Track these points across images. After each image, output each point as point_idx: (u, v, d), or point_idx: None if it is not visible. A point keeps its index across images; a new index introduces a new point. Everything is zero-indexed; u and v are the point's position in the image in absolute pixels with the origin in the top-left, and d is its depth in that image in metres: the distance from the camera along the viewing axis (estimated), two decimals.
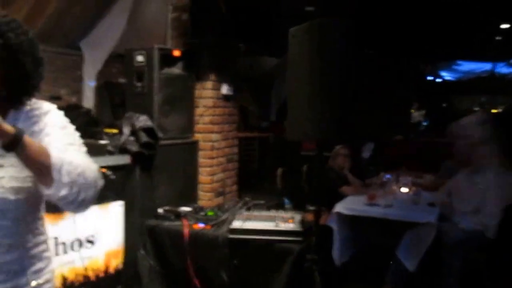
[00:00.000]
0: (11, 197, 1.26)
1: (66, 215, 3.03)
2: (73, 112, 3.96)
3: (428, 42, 6.86)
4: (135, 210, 3.56)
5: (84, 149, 1.38)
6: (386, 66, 6.43)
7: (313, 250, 3.32)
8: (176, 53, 4.04)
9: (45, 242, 1.43)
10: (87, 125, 3.80)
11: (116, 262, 3.44)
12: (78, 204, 1.26)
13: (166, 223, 3.63)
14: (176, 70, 4.08)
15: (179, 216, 3.65)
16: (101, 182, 1.32)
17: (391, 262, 3.70)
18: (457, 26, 6.47)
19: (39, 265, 1.38)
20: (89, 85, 4.36)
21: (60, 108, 3.83)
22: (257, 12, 4.53)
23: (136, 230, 3.58)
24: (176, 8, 4.31)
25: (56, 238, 3.02)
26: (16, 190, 1.26)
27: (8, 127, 1.12)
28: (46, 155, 1.19)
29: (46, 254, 1.43)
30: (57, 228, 2.99)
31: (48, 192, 1.22)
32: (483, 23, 6.55)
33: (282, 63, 3.93)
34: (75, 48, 4.53)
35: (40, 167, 1.19)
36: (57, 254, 3.02)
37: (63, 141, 1.31)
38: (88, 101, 4.31)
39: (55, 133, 1.32)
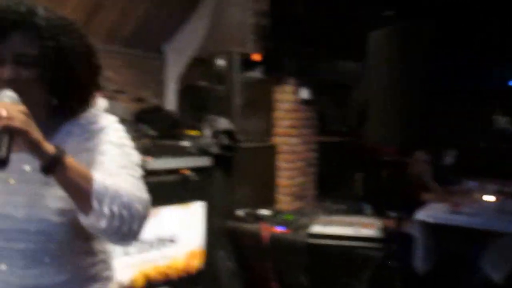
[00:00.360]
0: (55, 219, 1.13)
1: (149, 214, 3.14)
2: (156, 114, 4.11)
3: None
4: (215, 211, 3.61)
5: (139, 172, 1.23)
6: (469, 71, 6.15)
7: (394, 258, 3.23)
8: (256, 57, 4.09)
9: (103, 261, 1.29)
10: (169, 127, 3.93)
11: (197, 262, 3.49)
12: (121, 237, 1.12)
13: (246, 226, 3.65)
14: (256, 74, 4.13)
15: (258, 218, 3.67)
16: (149, 214, 1.16)
17: (471, 272, 3.54)
18: None
19: (95, 286, 1.26)
20: (172, 87, 4.51)
21: (143, 110, 3.95)
22: (335, 16, 4.49)
23: (216, 231, 3.63)
24: (256, 13, 4.36)
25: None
26: (61, 212, 1.13)
27: (48, 147, 1.01)
28: (88, 180, 1.06)
29: (104, 274, 1.29)
30: None
31: (86, 221, 1.09)
32: None
33: (362, 67, 3.86)
34: (158, 52, 4.72)
35: (79, 193, 1.06)
36: (140, 252, 3.12)
37: (117, 163, 1.18)
38: (170, 103, 4.47)
39: (110, 152, 1.19)
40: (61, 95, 1.17)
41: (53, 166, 1.01)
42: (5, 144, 0.95)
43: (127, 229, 1.09)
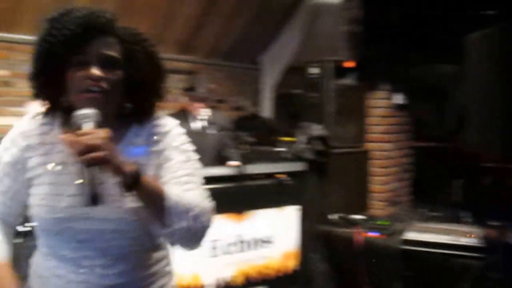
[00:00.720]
0: (130, 217, 1.19)
1: (247, 215, 3.32)
2: (253, 122, 4.33)
3: None
4: (309, 215, 3.69)
5: (201, 177, 1.29)
6: None
7: (496, 269, 3.11)
8: (349, 64, 4.13)
9: (166, 257, 1.36)
10: (266, 134, 4.11)
11: (292, 264, 3.60)
12: (189, 245, 1.23)
13: (339, 230, 3.69)
14: (349, 80, 4.18)
15: (351, 223, 3.70)
16: (212, 221, 1.24)
17: None
18: None
19: (162, 281, 1.33)
20: (268, 96, 4.68)
21: (242, 117, 4.17)
22: (430, 18, 4.39)
23: (309, 234, 3.71)
24: (348, 21, 4.40)
25: (238, 237, 3.29)
26: (135, 211, 1.18)
27: (128, 166, 1.07)
28: (162, 196, 1.12)
29: (167, 268, 1.37)
30: (239, 227, 3.27)
31: (160, 233, 1.19)
32: None
33: (459, 70, 3.75)
34: (255, 63, 4.94)
35: (155, 208, 1.13)
36: (239, 251, 3.29)
37: (183, 170, 1.24)
38: (267, 111, 4.65)
39: (176, 158, 1.25)
40: (133, 97, 1.23)
41: (133, 185, 1.08)
42: (96, 178, 1.01)
43: (195, 238, 1.21)
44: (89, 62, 1.14)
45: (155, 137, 1.26)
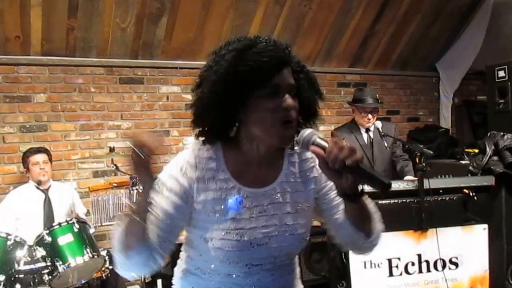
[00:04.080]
0: (299, 243, 1.28)
1: (429, 234, 3.10)
2: (432, 133, 4.07)
3: None
4: (501, 235, 3.33)
5: None
6: None
7: None
8: None
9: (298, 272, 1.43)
10: (446, 145, 3.83)
11: None
12: (373, 249, 1.27)
13: None
14: None
15: None
16: None
17: None
18: None
19: (300, 285, 1.41)
20: (446, 105, 4.38)
21: (418, 129, 3.92)
22: None
23: (502, 257, 3.35)
24: None
25: (419, 256, 3.08)
26: (304, 236, 1.28)
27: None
28: (368, 204, 1.20)
29: (300, 284, 1.43)
30: (420, 246, 3.07)
31: (365, 242, 1.24)
32: None
33: None
34: (431, 70, 4.67)
35: (368, 215, 1.21)
36: (420, 271, 3.09)
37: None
38: (446, 121, 4.34)
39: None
40: (304, 121, 1.25)
41: (362, 190, 1.12)
42: (380, 173, 1.09)
43: (378, 243, 1.27)
44: (281, 92, 1.15)
45: (307, 163, 1.30)
